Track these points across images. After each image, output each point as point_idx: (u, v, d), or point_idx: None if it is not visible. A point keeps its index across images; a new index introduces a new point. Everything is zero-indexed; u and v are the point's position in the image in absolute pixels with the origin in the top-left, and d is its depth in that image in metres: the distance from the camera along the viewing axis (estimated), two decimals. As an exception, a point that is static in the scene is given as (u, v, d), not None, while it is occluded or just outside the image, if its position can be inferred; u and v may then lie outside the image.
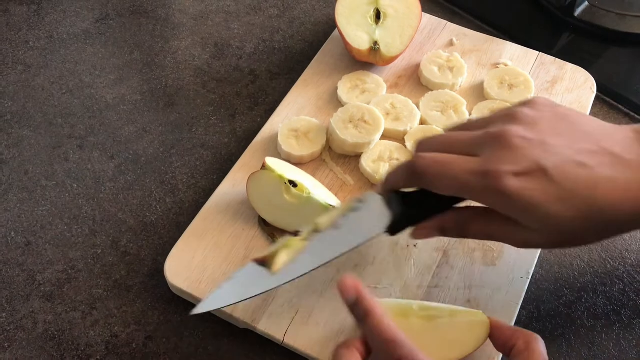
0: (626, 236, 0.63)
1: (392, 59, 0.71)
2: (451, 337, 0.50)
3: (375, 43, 0.69)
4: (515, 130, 0.45)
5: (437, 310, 0.51)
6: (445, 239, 0.59)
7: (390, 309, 0.51)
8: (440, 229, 0.50)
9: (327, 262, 0.49)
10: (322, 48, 0.75)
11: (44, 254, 0.61)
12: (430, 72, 0.70)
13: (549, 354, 0.47)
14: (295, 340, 0.53)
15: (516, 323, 0.55)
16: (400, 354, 0.43)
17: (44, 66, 0.76)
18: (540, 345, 0.47)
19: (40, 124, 0.70)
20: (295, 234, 0.51)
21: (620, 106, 0.73)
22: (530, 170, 0.43)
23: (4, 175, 0.66)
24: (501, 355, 0.52)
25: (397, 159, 0.63)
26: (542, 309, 0.58)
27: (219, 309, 0.54)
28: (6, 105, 0.72)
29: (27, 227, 0.63)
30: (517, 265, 0.58)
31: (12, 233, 0.62)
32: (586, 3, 0.81)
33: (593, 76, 0.72)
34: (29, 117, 0.71)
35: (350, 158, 0.65)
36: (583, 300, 0.59)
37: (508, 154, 0.44)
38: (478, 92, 0.71)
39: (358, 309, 0.46)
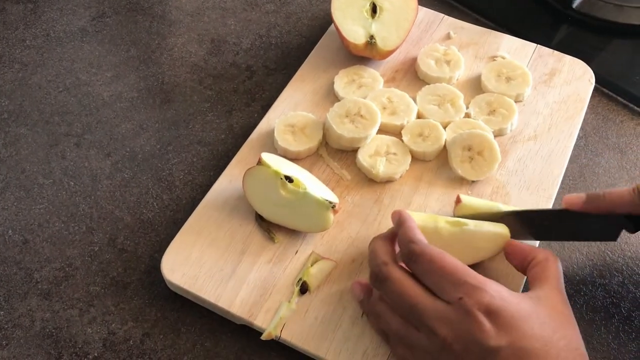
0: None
1: (388, 53, 0.70)
2: (474, 243, 0.54)
3: (372, 37, 0.69)
4: None
5: (464, 221, 0.55)
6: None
7: (422, 218, 0.55)
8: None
9: None
10: (318, 43, 0.75)
11: (41, 252, 0.61)
12: (427, 65, 0.70)
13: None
14: (292, 335, 0.53)
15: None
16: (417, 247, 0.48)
17: (41, 64, 0.76)
18: (556, 260, 0.50)
19: (37, 122, 0.70)
20: None
21: (618, 98, 0.73)
22: None
23: (1, 173, 0.66)
24: (525, 278, 0.55)
25: (394, 154, 0.63)
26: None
27: (216, 305, 0.54)
28: (3, 104, 0.72)
29: (24, 225, 0.63)
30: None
31: (10, 231, 0.62)
32: (584, -6, 0.80)
33: (591, 68, 0.72)
34: (25, 115, 0.71)
35: (346, 153, 0.65)
36: (582, 293, 0.58)
37: None
38: (475, 85, 0.70)
39: (397, 221, 0.52)
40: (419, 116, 0.67)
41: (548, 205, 0.61)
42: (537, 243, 0.58)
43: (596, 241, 0.61)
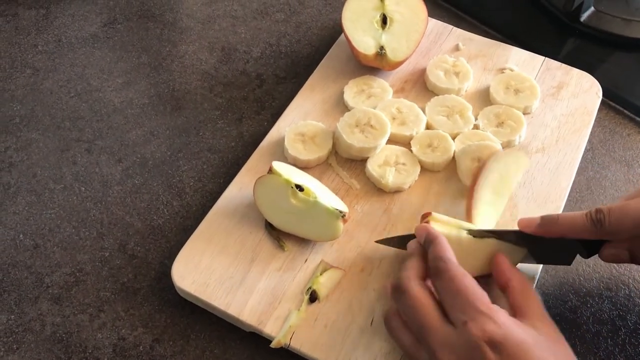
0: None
1: (398, 64, 0.71)
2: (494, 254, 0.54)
3: (382, 48, 0.70)
4: None
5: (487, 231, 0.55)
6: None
7: (447, 224, 0.55)
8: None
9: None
10: (328, 53, 0.75)
11: (52, 257, 0.61)
12: (436, 76, 0.71)
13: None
14: (302, 343, 0.53)
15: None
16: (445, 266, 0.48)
17: (52, 70, 0.76)
18: (532, 287, 0.51)
19: (48, 127, 0.71)
20: None
21: (625, 111, 0.74)
22: None
23: (13, 178, 0.67)
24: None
25: (403, 164, 0.63)
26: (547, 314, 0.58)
27: (225, 313, 0.55)
28: (15, 109, 0.73)
29: (35, 230, 0.63)
30: (523, 269, 0.58)
31: (21, 235, 0.63)
32: (592, 8, 0.81)
33: (599, 81, 0.72)
34: (37, 120, 0.72)
35: (356, 162, 0.65)
36: (588, 305, 0.59)
37: None
38: (484, 97, 0.71)
39: (426, 238, 0.52)
40: (428, 127, 0.67)
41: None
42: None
43: (552, 264, 0.60)
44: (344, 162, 0.66)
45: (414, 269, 0.50)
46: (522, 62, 0.74)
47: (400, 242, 0.58)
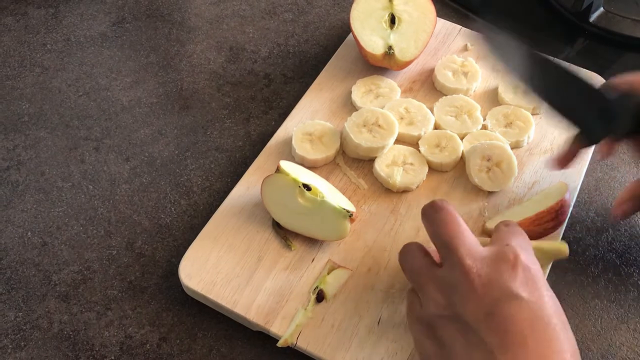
0: (641, 243, 0.63)
1: (406, 64, 0.71)
2: None
3: (390, 48, 0.70)
4: None
5: None
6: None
7: None
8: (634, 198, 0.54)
9: None
10: (336, 52, 0.75)
11: (59, 255, 0.61)
12: (445, 76, 0.70)
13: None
14: (308, 343, 0.53)
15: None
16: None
17: (61, 69, 0.77)
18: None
19: (57, 125, 0.71)
20: None
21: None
22: None
23: (21, 176, 0.67)
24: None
25: (411, 164, 0.63)
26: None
27: (232, 312, 0.55)
28: (24, 107, 0.73)
29: (43, 228, 0.63)
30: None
31: (29, 233, 0.63)
32: (601, 9, 0.80)
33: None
34: (45, 118, 0.72)
35: (363, 162, 0.65)
36: (597, 308, 0.58)
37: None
38: (492, 97, 0.71)
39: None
40: (436, 127, 0.67)
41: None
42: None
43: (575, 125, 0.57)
44: (352, 162, 0.65)
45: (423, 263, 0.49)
46: (530, 62, 0.74)
47: None
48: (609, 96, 0.53)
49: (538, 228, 0.57)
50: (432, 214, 0.48)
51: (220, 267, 0.57)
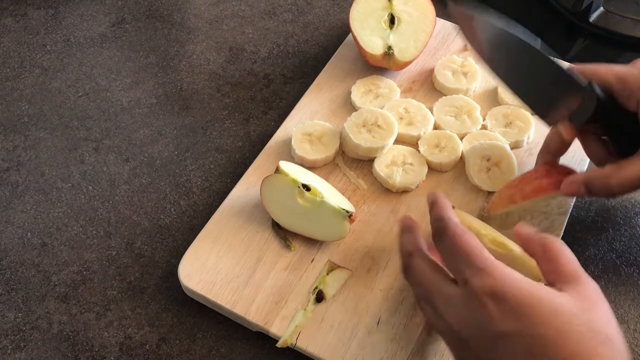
0: (641, 243, 0.63)
1: (406, 64, 0.71)
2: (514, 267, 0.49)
3: (389, 48, 0.70)
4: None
5: (505, 244, 0.52)
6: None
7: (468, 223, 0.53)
8: (586, 184, 0.52)
9: None
10: (335, 52, 0.75)
11: (59, 255, 0.61)
12: (444, 76, 0.70)
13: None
14: (308, 343, 0.53)
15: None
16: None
17: (61, 69, 0.77)
18: (563, 248, 0.45)
19: (56, 126, 0.71)
20: None
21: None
22: None
23: (21, 176, 0.67)
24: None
25: (411, 164, 0.63)
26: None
27: (232, 312, 0.55)
28: (23, 108, 0.73)
29: (43, 229, 0.63)
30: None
31: (28, 234, 0.63)
32: (601, 9, 0.80)
33: (608, 82, 0.72)
34: (45, 119, 0.72)
35: (363, 162, 0.65)
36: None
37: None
38: (492, 97, 0.70)
39: (431, 201, 0.49)
40: (435, 127, 0.67)
41: (563, 221, 0.61)
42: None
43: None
44: (351, 162, 0.65)
45: (411, 244, 0.49)
46: (530, 62, 0.74)
47: None
48: (579, 80, 0.52)
49: (529, 186, 0.56)
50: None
51: (219, 268, 0.57)
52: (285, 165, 0.59)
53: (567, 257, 0.44)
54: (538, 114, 0.56)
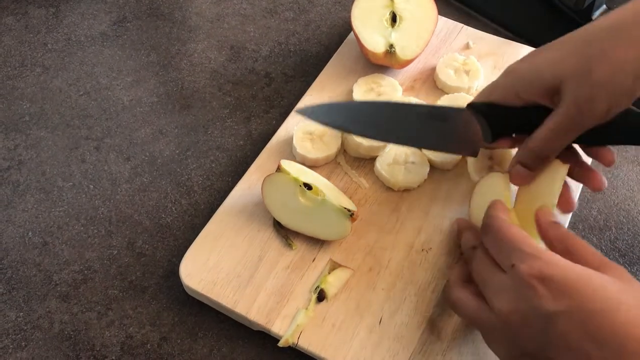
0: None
1: (407, 62, 0.70)
2: None
3: (391, 46, 0.69)
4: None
5: None
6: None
7: None
8: (518, 161, 0.53)
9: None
10: (337, 51, 0.75)
11: (60, 255, 0.61)
12: (446, 75, 0.70)
13: None
14: (309, 343, 0.53)
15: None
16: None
17: (62, 68, 0.77)
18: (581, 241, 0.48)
19: (57, 125, 0.71)
20: None
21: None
22: None
23: (22, 175, 0.67)
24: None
25: (413, 163, 0.63)
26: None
27: (233, 311, 0.54)
28: (24, 107, 0.73)
29: (44, 228, 0.63)
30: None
31: (30, 233, 0.63)
32: (604, 6, 0.80)
33: (611, 80, 0.71)
34: (46, 118, 0.72)
35: (365, 161, 0.65)
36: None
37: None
38: (494, 96, 0.70)
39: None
40: (437, 126, 0.67)
41: (567, 218, 0.61)
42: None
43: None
44: (353, 161, 0.65)
45: (474, 239, 0.53)
46: (533, 60, 0.73)
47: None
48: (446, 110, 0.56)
49: None
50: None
51: (221, 267, 0.57)
52: (286, 164, 0.59)
53: (591, 248, 0.46)
54: (460, 153, 0.60)
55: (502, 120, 0.54)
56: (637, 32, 0.47)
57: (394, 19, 0.71)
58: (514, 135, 0.55)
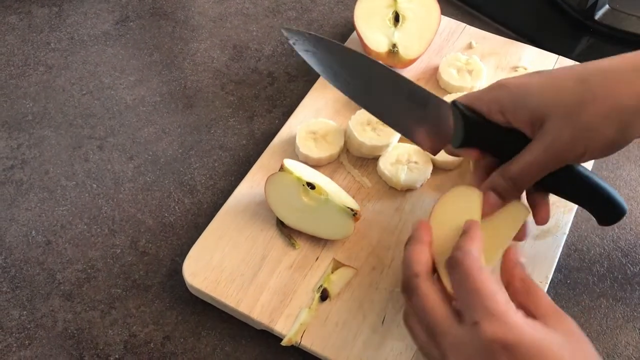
0: (646, 241, 0.62)
1: (410, 62, 0.70)
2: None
3: (394, 45, 0.69)
4: None
5: None
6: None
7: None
8: (491, 187, 0.51)
9: None
10: (340, 50, 0.75)
11: (63, 253, 0.61)
12: (449, 74, 0.70)
13: None
14: (312, 342, 0.53)
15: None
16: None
17: (65, 67, 0.77)
18: (540, 292, 0.45)
19: (60, 124, 0.71)
20: None
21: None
22: None
23: (25, 174, 0.67)
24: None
25: (415, 162, 0.63)
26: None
27: (236, 310, 0.55)
28: (28, 106, 0.73)
29: (47, 227, 0.63)
30: (536, 270, 0.57)
31: (33, 232, 0.63)
32: (607, 6, 0.80)
33: (613, 80, 0.71)
34: (49, 117, 0.72)
35: (367, 160, 0.65)
36: (602, 307, 0.58)
37: None
38: (497, 96, 0.70)
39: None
40: (440, 125, 0.67)
41: (569, 217, 0.61)
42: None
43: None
44: (356, 161, 0.65)
45: (421, 264, 0.47)
46: (535, 60, 0.74)
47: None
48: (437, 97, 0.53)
49: None
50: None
51: (224, 266, 0.57)
52: (289, 164, 0.59)
53: (548, 298, 0.45)
54: (419, 144, 0.56)
55: (477, 131, 0.51)
56: (632, 82, 0.46)
57: (396, 18, 0.71)
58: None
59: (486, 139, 0.52)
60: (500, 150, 0.51)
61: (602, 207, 0.52)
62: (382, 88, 0.55)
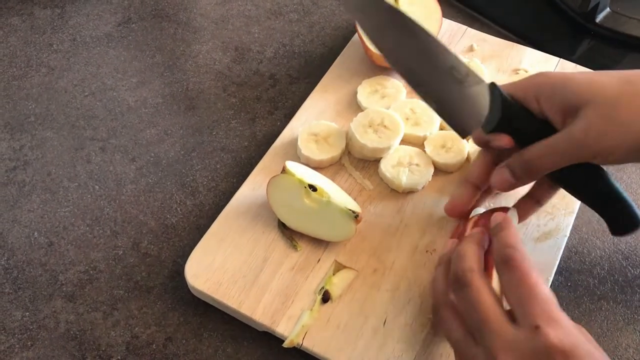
0: (647, 244, 0.63)
1: (412, 64, 0.71)
2: None
3: (396, 48, 0.69)
4: None
5: None
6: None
7: None
8: (508, 167, 0.51)
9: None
10: (341, 53, 0.75)
11: (66, 255, 0.62)
12: (450, 77, 0.70)
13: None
14: (314, 344, 0.53)
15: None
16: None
17: (67, 69, 0.77)
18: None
19: (63, 125, 0.71)
20: None
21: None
22: None
23: (28, 176, 0.67)
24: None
25: (417, 164, 0.63)
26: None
27: (238, 312, 0.55)
28: (30, 107, 0.73)
29: (49, 228, 0.63)
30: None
31: (35, 233, 0.63)
32: (608, 9, 0.80)
33: (614, 83, 0.72)
34: (52, 119, 0.72)
35: (369, 162, 0.65)
36: (603, 309, 0.58)
37: None
38: (498, 98, 0.70)
39: (497, 224, 0.48)
40: (441, 128, 0.67)
41: (570, 220, 0.61)
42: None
43: None
44: (357, 163, 0.65)
45: (477, 261, 0.46)
46: (536, 63, 0.74)
47: None
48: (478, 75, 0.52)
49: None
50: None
51: (226, 268, 0.58)
52: (291, 166, 0.59)
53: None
54: (449, 123, 0.55)
55: (512, 116, 0.51)
56: None
57: (398, 21, 0.71)
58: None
59: (517, 128, 0.51)
60: (526, 141, 0.51)
61: (619, 216, 0.51)
62: (424, 57, 0.53)
